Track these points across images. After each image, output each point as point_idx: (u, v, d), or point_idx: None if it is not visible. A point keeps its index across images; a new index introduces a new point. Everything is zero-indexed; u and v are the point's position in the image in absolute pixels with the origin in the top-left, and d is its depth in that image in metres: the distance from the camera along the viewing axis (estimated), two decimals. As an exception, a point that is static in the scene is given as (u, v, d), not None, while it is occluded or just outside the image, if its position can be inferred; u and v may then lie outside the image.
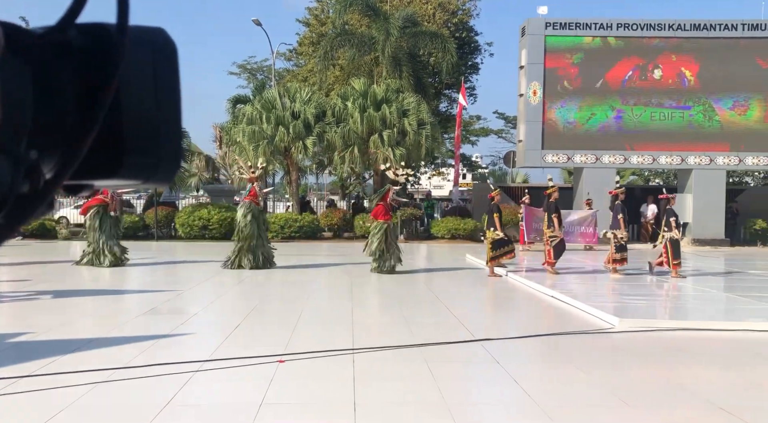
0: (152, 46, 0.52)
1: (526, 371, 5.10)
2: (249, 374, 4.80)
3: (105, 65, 0.46)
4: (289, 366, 5.01)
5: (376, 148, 21.70)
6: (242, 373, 4.83)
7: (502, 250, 11.51)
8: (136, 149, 0.50)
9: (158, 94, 0.52)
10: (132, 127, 0.50)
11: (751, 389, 4.67)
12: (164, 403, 4.01)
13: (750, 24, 21.74)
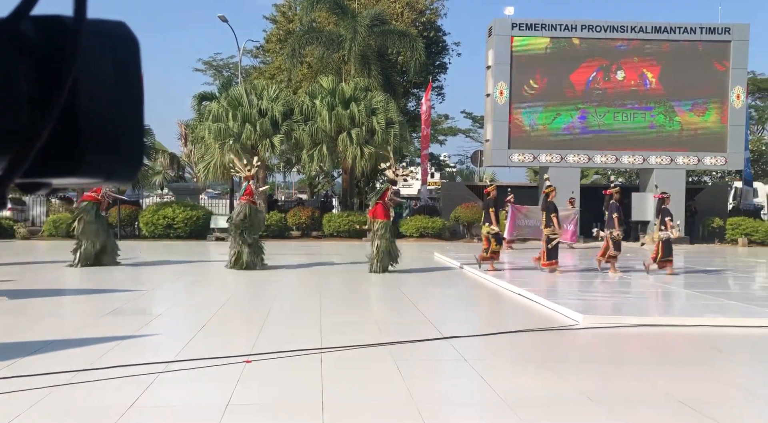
0: (112, 40, 0.50)
1: (493, 368, 5.15)
2: (215, 375, 4.74)
3: (61, 60, 0.44)
4: (256, 366, 4.96)
5: (345, 146, 21.66)
6: (208, 374, 4.76)
7: (500, 246, 11.68)
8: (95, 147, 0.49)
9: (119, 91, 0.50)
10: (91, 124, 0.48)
11: (709, 383, 4.81)
12: (128, 405, 3.92)
13: (707, 28, 22.37)
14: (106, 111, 0.49)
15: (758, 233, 21.53)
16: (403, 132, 22.75)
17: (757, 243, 21.35)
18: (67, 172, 0.49)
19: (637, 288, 10.01)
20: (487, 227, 11.68)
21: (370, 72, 24.01)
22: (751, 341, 6.30)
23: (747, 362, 5.55)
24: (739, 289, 9.92)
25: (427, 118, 26.28)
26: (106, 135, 0.49)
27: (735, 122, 22.49)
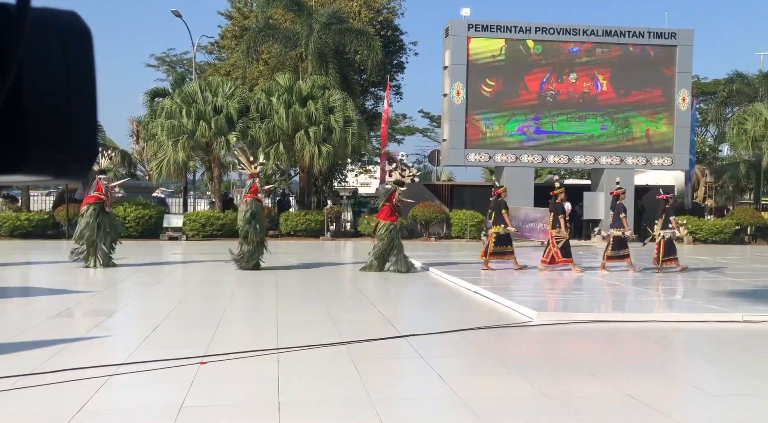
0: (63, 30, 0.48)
1: (450, 366, 5.21)
2: (168, 377, 4.64)
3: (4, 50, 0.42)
4: (210, 367, 4.88)
5: (302, 144, 21.50)
6: (161, 376, 4.66)
7: (503, 248, 11.76)
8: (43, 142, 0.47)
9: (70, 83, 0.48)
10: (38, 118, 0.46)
11: (656, 377, 4.97)
12: (75, 410, 3.80)
13: (655, 32, 23.13)
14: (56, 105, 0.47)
15: (702, 231, 22.39)
16: (362, 131, 22.74)
17: (700, 240, 22.22)
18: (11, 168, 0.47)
19: (590, 286, 10.27)
20: (499, 228, 11.73)
21: (328, 70, 23.91)
22: (696, 336, 6.56)
23: (691, 356, 5.77)
24: (685, 285, 10.30)
25: (386, 117, 26.34)
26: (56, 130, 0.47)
27: (681, 124, 23.33)
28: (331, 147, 21.59)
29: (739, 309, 7.71)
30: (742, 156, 27.97)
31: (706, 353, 5.79)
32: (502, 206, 11.89)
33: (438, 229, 22.89)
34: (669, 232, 11.68)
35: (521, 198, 22.35)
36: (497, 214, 11.89)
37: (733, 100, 36.78)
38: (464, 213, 22.42)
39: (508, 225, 11.75)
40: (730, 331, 6.72)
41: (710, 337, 6.49)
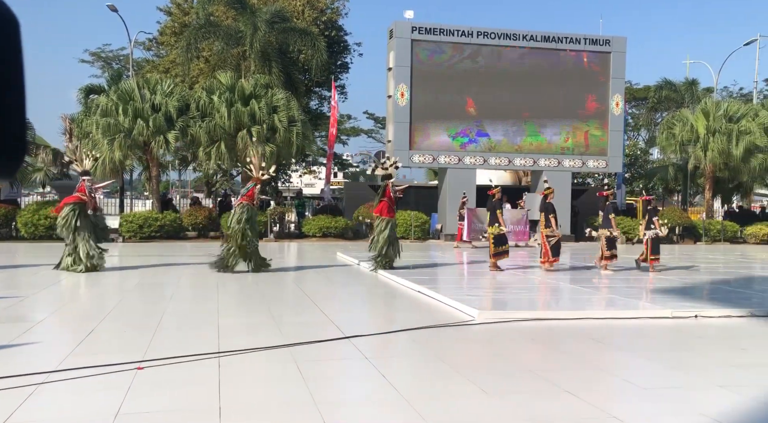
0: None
1: (394, 366, 5.23)
2: (103, 384, 4.46)
3: None
4: (148, 373, 4.73)
5: (245, 144, 21.15)
6: (95, 383, 4.48)
7: (503, 247, 11.99)
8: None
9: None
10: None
11: (591, 371, 5.15)
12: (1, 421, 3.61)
13: (590, 39, 23.99)
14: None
15: (634, 231, 23.34)
16: (306, 131, 22.57)
17: (631, 240, 23.15)
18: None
19: (531, 284, 10.54)
20: (495, 228, 11.93)
21: (271, 69, 23.62)
22: (629, 332, 6.83)
23: (624, 351, 6.00)
24: (618, 283, 10.71)
25: (335, 118, 26.24)
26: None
27: (614, 128, 24.28)
28: (275, 147, 21.34)
29: (669, 305, 8.08)
30: (671, 159, 29.36)
31: (638, 348, 6.03)
32: (497, 207, 12.17)
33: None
34: (652, 232, 12.30)
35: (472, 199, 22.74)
36: (492, 215, 12.12)
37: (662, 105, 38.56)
38: (409, 214, 22.60)
39: (502, 225, 12.00)
40: (660, 327, 7.03)
41: (642, 332, 6.77)
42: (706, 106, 26.73)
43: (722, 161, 25.24)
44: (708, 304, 8.26)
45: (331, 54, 27.96)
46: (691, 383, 4.74)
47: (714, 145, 24.81)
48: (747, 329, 6.98)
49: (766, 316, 7.63)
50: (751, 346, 6.12)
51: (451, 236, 22.76)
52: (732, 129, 25.04)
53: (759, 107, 27.95)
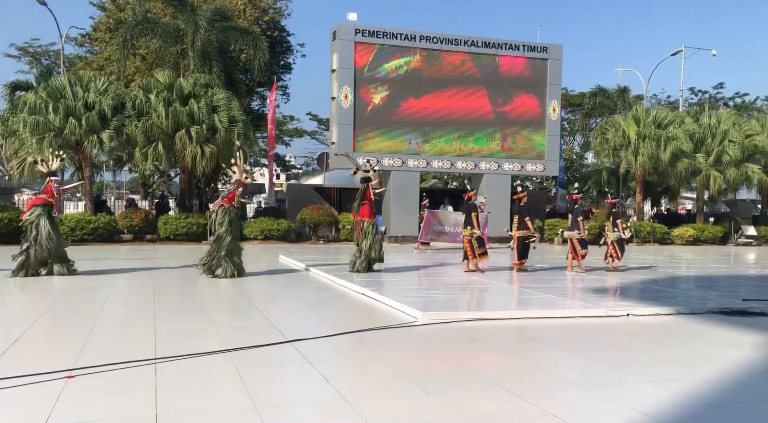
0: None
1: (337, 369, 5.21)
2: (30, 394, 4.24)
3: None
4: (80, 381, 4.53)
5: (183, 144, 20.62)
6: (22, 394, 4.25)
7: (483, 249, 12.27)
8: None
9: None
10: None
11: (529, 369, 5.28)
12: None
13: (529, 46, 24.67)
14: None
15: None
16: (247, 131, 22.20)
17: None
18: None
19: (473, 285, 10.71)
20: (469, 231, 12.19)
21: (212, 68, 23.13)
22: (565, 330, 7.04)
23: (561, 349, 6.17)
24: (554, 283, 11.04)
25: (273, 117, 25.92)
26: None
27: (551, 133, 25.04)
28: (215, 147, 20.90)
29: (603, 305, 8.39)
30: (604, 163, 30.50)
31: (574, 346, 6.23)
32: (473, 209, 12.43)
33: (327, 232, 22.88)
34: (616, 234, 13.11)
35: (408, 201, 22.93)
36: (468, 217, 12.38)
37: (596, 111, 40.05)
38: (352, 216, 22.57)
39: (476, 228, 12.24)
40: (595, 325, 7.29)
41: (578, 331, 7.00)
42: (636, 113, 27.93)
43: (651, 166, 26.43)
44: (639, 303, 8.62)
45: (273, 54, 27.63)
46: (623, 379, 4.93)
47: (644, 150, 25.95)
48: (674, 327, 7.33)
49: (691, 314, 8.03)
50: (678, 343, 6.42)
51: (395, 238, 22.89)
52: (660, 135, 26.27)
53: (685, 114, 29.44)
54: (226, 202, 11.24)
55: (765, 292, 8.98)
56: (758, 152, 27.69)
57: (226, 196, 11.37)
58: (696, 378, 4.91)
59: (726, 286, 11.32)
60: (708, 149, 27.24)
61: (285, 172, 58.04)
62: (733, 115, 29.77)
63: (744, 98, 46.72)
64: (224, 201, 11.27)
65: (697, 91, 46.21)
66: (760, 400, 4.47)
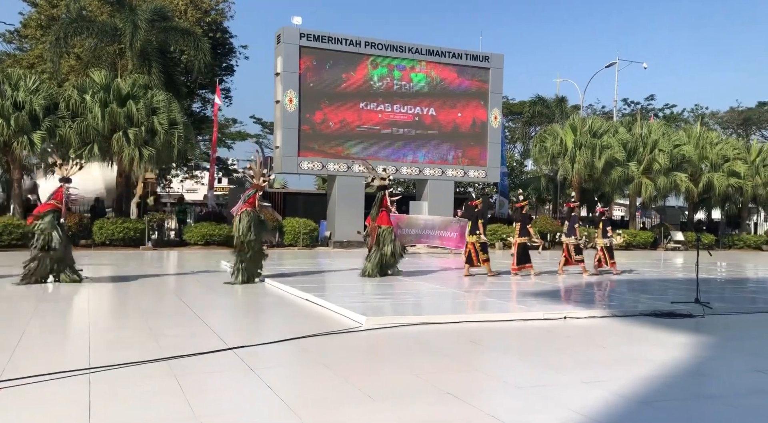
0: None
1: (280, 376, 5.15)
2: (-49, 410, 4.01)
3: None
4: (7, 394, 4.31)
5: (121, 147, 19.97)
6: (-58, 411, 4.01)
7: (486, 255, 12.83)
8: None
9: None
10: None
11: (470, 372, 5.38)
12: None
13: (471, 55, 25.19)
14: None
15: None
16: (188, 134, 21.73)
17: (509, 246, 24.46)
18: None
19: (417, 290, 10.81)
20: (476, 237, 12.71)
21: (151, 69, 22.52)
22: (505, 333, 7.21)
23: (500, 352, 6.32)
24: (496, 287, 11.28)
25: (216, 120, 25.43)
26: None
27: (493, 140, 25.62)
28: (154, 150, 20.34)
29: (541, 308, 8.63)
30: (543, 170, 31.43)
31: (513, 349, 6.38)
32: (479, 216, 12.96)
33: (270, 238, 22.57)
34: (608, 240, 13.93)
35: (353, 206, 22.94)
36: (474, 224, 12.83)
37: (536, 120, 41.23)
38: (297, 221, 22.41)
39: (482, 234, 12.78)
40: (533, 328, 7.49)
41: (517, 334, 7.18)
42: (573, 122, 28.94)
43: (587, 173, 27.42)
44: (575, 306, 8.91)
45: (215, 56, 27.16)
46: (560, 380, 5.09)
47: (580, 158, 26.90)
48: (608, 329, 7.62)
49: (624, 316, 8.38)
50: (612, 344, 6.68)
51: (340, 243, 22.85)
52: (596, 144, 27.29)
53: (618, 124, 30.71)
54: (248, 206, 11.17)
55: (691, 295, 9.45)
56: (685, 161, 29.18)
57: (246, 200, 11.26)
58: (628, 378, 5.12)
59: (656, 289, 11.85)
60: (639, 158, 28.50)
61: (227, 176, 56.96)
62: (662, 125, 31.30)
63: (672, 109, 49.19)
64: (246, 206, 11.18)
65: (629, 102, 48.32)
66: (685, 398, 4.71)
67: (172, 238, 23.05)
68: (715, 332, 7.56)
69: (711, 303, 9.06)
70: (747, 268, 18.82)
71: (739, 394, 4.78)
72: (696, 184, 29.28)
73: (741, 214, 33.18)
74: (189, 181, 47.75)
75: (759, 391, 4.88)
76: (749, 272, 17.21)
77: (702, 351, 6.38)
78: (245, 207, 11.18)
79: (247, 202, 11.24)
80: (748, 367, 5.72)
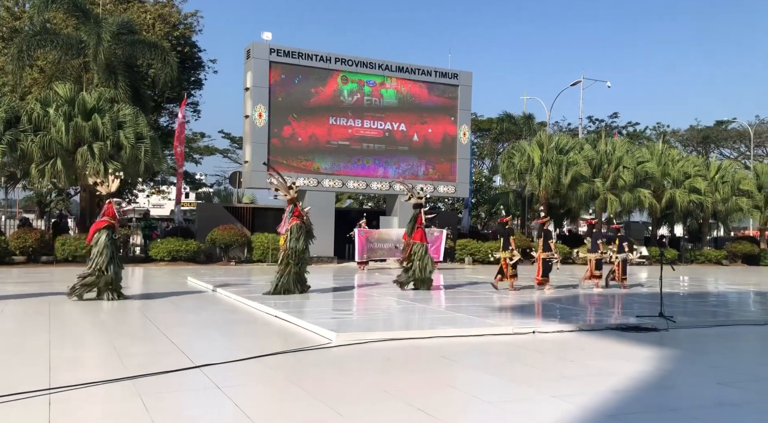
0: None
1: (248, 394, 5.07)
2: None
3: None
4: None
5: (85, 161, 19.58)
6: None
7: (515, 270, 13.53)
8: None
9: None
10: None
11: (441, 388, 5.38)
12: None
13: (440, 72, 25.49)
14: None
15: (480, 252, 24.92)
16: (155, 148, 21.41)
17: (479, 261, 24.70)
18: None
19: (386, 306, 10.79)
20: (509, 252, 13.43)
21: (117, 82, 22.19)
22: (475, 349, 7.23)
23: (471, 368, 6.34)
24: (465, 302, 11.33)
25: (181, 134, 25.13)
26: None
27: (462, 156, 25.87)
28: (120, 165, 19.97)
29: (511, 322, 8.70)
30: (511, 186, 31.82)
31: (484, 364, 6.41)
32: (511, 233, 13.89)
33: (239, 253, 22.31)
34: (624, 255, 14.97)
35: (323, 221, 22.83)
36: (506, 240, 13.62)
37: (503, 136, 41.83)
38: (266, 236, 22.19)
39: (513, 249, 13.48)
40: (503, 343, 7.54)
41: (487, 349, 7.21)
42: (540, 139, 29.45)
43: (554, 189, 27.88)
44: (544, 321, 9.01)
45: (183, 70, 26.94)
46: (530, 395, 5.13)
47: (547, 174, 27.35)
48: (576, 343, 7.71)
49: (591, 330, 8.50)
50: (579, 358, 6.76)
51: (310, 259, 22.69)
52: (562, 160, 27.80)
53: (584, 141, 31.36)
54: (296, 220, 11.73)
55: (656, 309, 9.64)
56: (648, 178, 29.91)
57: (292, 215, 11.79)
58: (595, 391, 5.18)
59: (623, 303, 12.06)
60: (605, 174, 29.11)
61: (195, 191, 56.26)
62: (626, 143, 32.06)
63: (635, 127, 50.47)
64: (294, 220, 11.74)
65: (594, 120, 49.40)
66: (649, 411, 4.78)
67: (138, 254, 22.60)
68: (678, 345, 7.71)
69: (674, 317, 9.26)
70: (708, 282, 19.30)
71: (701, 406, 4.88)
72: (659, 200, 30.00)
73: (702, 229, 34.08)
74: (156, 196, 47.01)
75: (721, 403, 4.99)
76: (710, 286, 17.66)
77: (666, 364, 6.50)
78: (294, 220, 11.75)
79: (294, 216, 11.78)
80: (711, 379, 5.85)
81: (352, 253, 22.08)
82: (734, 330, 9.15)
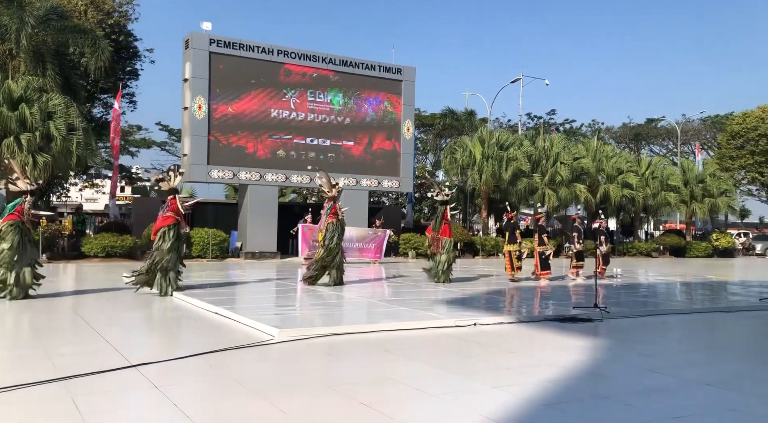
0: None
1: (187, 393, 4.94)
2: None
3: None
4: None
5: (12, 153, 18.59)
6: None
7: (519, 263, 14.63)
8: None
9: None
10: None
11: (384, 382, 5.40)
12: None
13: (384, 67, 25.56)
14: None
15: (423, 247, 25.15)
16: (89, 140, 20.56)
17: (422, 255, 24.93)
18: None
19: (330, 300, 10.74)
20: (515, 246, 14.44)
21: (46, 71, 21.16)
22: (417, 342, 7.30)
23: (412, 360, 6.39)
24: (408, 296, 11.42)
25: (117, 126, 24.21)
26: None
27: (406, 151, 26.05)
28: (50, 157, 19.09)
29: (452, 315, 8.82)
30: (454, 181, 32.28)
31: (426, 357, 6.47)
32: (516, 227, 14.97)
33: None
34: (601, 248, 15.57)
35: (265, 216, 22.53)
36: (511, 235, 14.67)
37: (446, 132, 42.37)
38: (206, 231, 21.71)
39: (521, 243, 14.66)
40: (445, 335, 7.64)
41: (430, 341, 7.29)
42: (481, 135, 29.98)
43: (494, 184, 28.47)
44: (484, 313, 9.18)
45: (118, 59, 25.97)
46: (471, 386, 5.22)
47: (488, 169, 27.89)
48: (516, 334, 7.90)
49: (531, 322, 8.72)
50: (519, 349, 6.93)
51: (252, 254, 22.41)
52: (502, 156, 28.41)
53: (523, 138, 32.14)
54: (333, 218, 12.53)
55: (591, 300, 9.99)
56: (584, 173, 30.96)
57: (330, 212, 12.59)
58: (533, 382, 5.32)
59: (560, 295, 12.44)
60: (543, 170, 29.93)
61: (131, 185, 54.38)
62: (563, 139, 33.08)
63: (572, 124, 52.13)
64: (331, 218, 12.54)
65: (533, 117, 50.72)
66: (584, 399, 4.96)
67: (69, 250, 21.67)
68: (611, 335, 8.02)
69: (608, 307, 9.62)
70: (639, 274, 20.17)
71: (634, 393, 5.09)
72: (594, 194, 31.10)
73: (634, 223, 35.58)
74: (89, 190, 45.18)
75: (653, 389, 5.22)
76: (641, 278, 18.45)
77: (600, 353, 6.75)
78: (331, 218, 12.54)
79: (330, 214, 12.59)
80: (643, 367, 6.11)
81: (295, 249, 21.91)
82: (662, 319, 9.59)
